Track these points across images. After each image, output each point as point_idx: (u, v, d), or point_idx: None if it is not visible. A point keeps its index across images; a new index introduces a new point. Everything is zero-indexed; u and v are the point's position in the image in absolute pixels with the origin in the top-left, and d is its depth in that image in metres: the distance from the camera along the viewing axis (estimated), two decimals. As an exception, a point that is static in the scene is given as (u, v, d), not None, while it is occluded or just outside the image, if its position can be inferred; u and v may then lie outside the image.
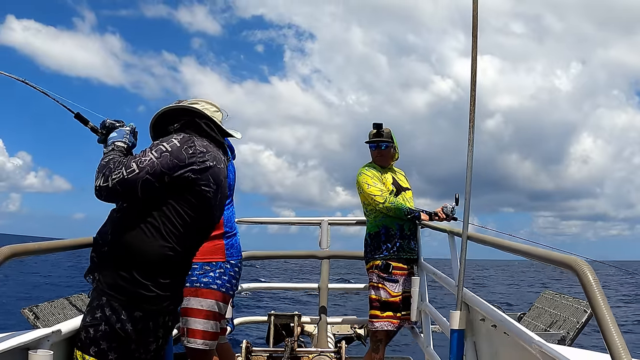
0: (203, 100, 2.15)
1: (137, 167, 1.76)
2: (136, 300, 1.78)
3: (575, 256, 1.48)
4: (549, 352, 1.65)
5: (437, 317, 3.29)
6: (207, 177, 1.88)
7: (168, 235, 1.82)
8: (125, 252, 1.79)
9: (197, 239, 1.99)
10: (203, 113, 2.06)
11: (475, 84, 2.45)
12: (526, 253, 1.93)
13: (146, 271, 1.79)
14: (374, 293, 3.60)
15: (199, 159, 1.86)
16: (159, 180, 1.78)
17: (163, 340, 1.95)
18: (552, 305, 3.27)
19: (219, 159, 1.97)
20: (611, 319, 1.21)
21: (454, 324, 2.56)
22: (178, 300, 1.99)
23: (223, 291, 2.49)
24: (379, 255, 3.60)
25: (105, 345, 1.76)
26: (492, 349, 2.41)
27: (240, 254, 2.63)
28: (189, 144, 1.86)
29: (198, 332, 2.46)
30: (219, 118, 2.15)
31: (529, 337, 1.85)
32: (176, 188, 1.83)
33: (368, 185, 3.61)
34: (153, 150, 1.81)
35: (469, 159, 2.47)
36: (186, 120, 2.04)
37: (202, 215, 1.91)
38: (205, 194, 1.89)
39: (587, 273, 1.34)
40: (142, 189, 1.77)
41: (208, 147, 1.94)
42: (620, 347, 1.15)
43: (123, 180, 1.75)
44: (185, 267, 1.99)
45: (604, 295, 1.27)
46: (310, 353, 3.81)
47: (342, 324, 4.51)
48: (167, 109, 2.09)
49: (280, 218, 6.37)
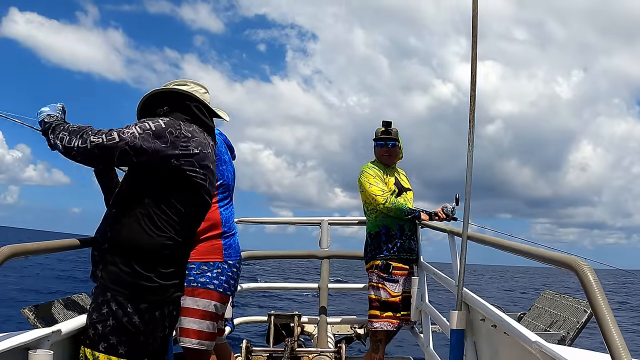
0: (191, 82, 2.12)
1: (117, 136, 1.77)
2: (140, 292, 1.79)
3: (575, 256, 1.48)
4: (549, 352, 1.65)
5: (437, 317, 3.28)
6: (193, 162, 1.87)
7: (164, 225, 1.83)
8: (125, 247, 1.80)
9: (193, 226, 2.00)
10: (192, 95, 2.03)
11: (475, 83, 2.45)
12: (526, 253, 1.93)
13: (147, 263, 1.80)
14: (373, 293, 3.60)
15: (182, 144, 1.84)
16: (137, 155, 1.78)
17: (169, 330, 1.98)
18: (552, 305, 3.27)
19: (205, 145, 1.95)
20: (611, 319, 1.21)
21: (454, 324, 2.56)
22: (181, 288, 2.00)
23: (220, 291, 2.48)
24: (380, 255, 3.59)
25: (114, 340, 1.77)
26: (492, 349, 2.41)
27: (239, 255, 2.62)
28: (174, 127, 1.85)
29: (193, 332, 2.46)
30: (208, 99, 2.12)
31: (529, 337, 1.85)
32: (165, 177, 1.83)
33: (370, 184, 3.60)
34: (138, 125, 1.81)
35: (469, 159, 2.47)
36: (175, 103, 2.01)
37: (194, 202, 1.92)
38: (193, 180, 1.88)
39: (587, 273, 1.34)
40: (118, 159, 1.79)
41: (194, 133, 1.91)
42: (620, 347, 1.15)
43: (102, 146, 1.75)
44: (185, 255, 2.00)
45: (604, 295, 1.27)
46: (310, 353, 3.82)
47: (342, 324, 4.51)
48: (155, 91, 2.05)
49: (280, 218, 6.37)
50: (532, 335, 1.85)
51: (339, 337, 4.47)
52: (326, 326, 4.14)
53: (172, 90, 2.04)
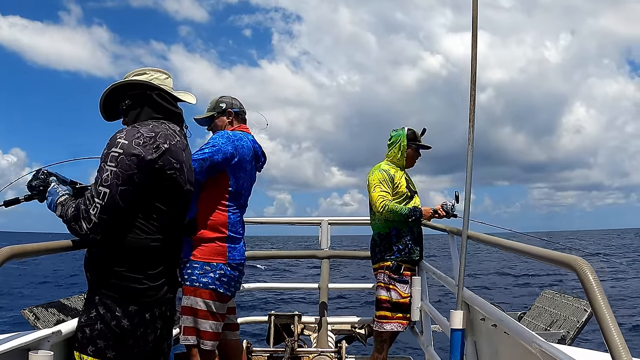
0: (150, 69, 2.06)
1: (105, 187, 1.74)
2: (129, 294, 1.79)
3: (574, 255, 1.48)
4: (549, 352, 1.65)
5: (437, 316, 3.29)
6: (168, 159, 1.86)
7: (146, 227, 1.82)
8: (111, 250, 1.79)
9: (177, 221, 1.99)
10: (151, 84, 1.99)
11: (475, 83, 2.45)
12: (526, 252, 1.93)
13: (134, 265, 1.80)
14: (384, 294, 3.57)
15: (153, 146, 1.82)
16: (131, 184, 1.76)
17: (163, 331, 1.95)
18: (552, 304, 3.27)
19: (170, 135, 1.92)
20: (611, 318, 1.21)
21: (454, 323, 2.56)
22: (173, 288, 1.99)
23: (221, 292, 2.49)
24: (391, 257, 3.57)
25: (102, 343, 1.76)
26: (493, 349, 2.41)
27: (243, 258, 2.63)
28: (135, 136, 1.81)
29: (195, 331, 2.49)
30: (170, 85, 2.07)
31: (529, 336, 1.85)
32: (146, 181, 1.81)
33: (374, 188, 3.56)
34: (108, 161, 1.77)
35: (469, 158, 2.47)
36: (135, 94, 1.98)
37: (174, 197, 1.92)
38: (171, 177, 1.87)
39: (587, 272, 1.34)
40: (123, 201, 1.76)
41: (155, 129, 1.88)
42: (621, 347, 1.15)
43: (103, 208, 1.73)
44: (173, 253, 1.99)
45: (604, 294, 1.27)
46: (310, 353, 3.82)
47: (342, 324, 4.51)
48: (113, 86, 2.01)
49: (280, 218, 6.36)
50: (532, 335, 1.85)
51: (339, 337, 4.47)
52: (326, 326, 4.14)
53: (130, 82, 2.00)
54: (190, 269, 2.46)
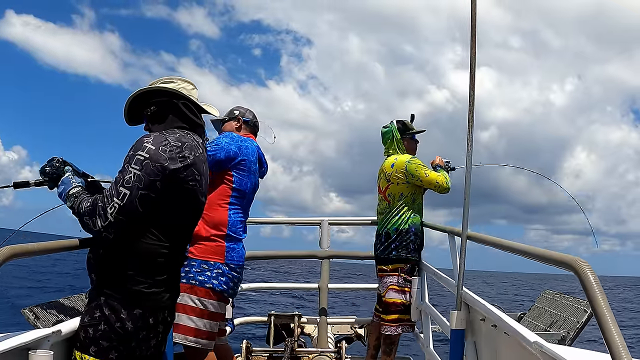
0: (178, 78, 2.05)
1: (126, 189, 1.72)
2: (135, 298, 1.78)
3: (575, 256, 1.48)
4: (549, 352, 1.65)
5: (437, 317, 3.28)
6: (192, 171, 1.86)
7: (160, 233, 1.81)
8: (123, 253, 1.78)
9: (187, 231, 1.98)
10: (179, 93, 1.98)
11: (474, 82, 2.45)
12: (526, 252, 1.93)
13: (142, 269, 1.79)
14: (399, 297, 3.50)
15: (179, 155, 1.81)
16: (151, 189, 1.75)
17: (163, 336, 1.95)
18: (552, 305, 3.27)
19: (195, 147, 1.91)
20: (611, 319, 1.20)
21: (454, 324, 2.56)
22: (176, 294, 1.99)
23: (218, 291, 2.48)
24: (408, 256, 3.53)
25: (105, 344, 1.75)
26: (492, 349, 2.41)
27: (242, 259, 2.62)
28: (163, 143, 1.80)
29: (190, 329, 2.46)
30: (196, 95, 2.06)
31: (529, 337, 1.85)
32: (164, 189, 1.79)
33: (424, 173, 3.51)
34: (132, 163, 1.75)
35: (468, 159, 2.48)
36: (162, 101, 1.96)
37: (190, 208, 1.92)
38: (192, 188, 1.87)
39: (587, 272, 1.34)
40: (142, 206, 1.74)
41: (182, 139, 1.87)
42: (621, 347, 1.15)
43: (121, 209, 1.71)
44: (180, 261, 1.99)
45: (605, 295, 1.27)
46: (310, 353, 3.82)
47: (342, 324, 4.51)
48: (141, 91, 1.99)
49: (280, 218, 6.35)
50: (532, 335, 1.85)
51: (339, 337, 4.47)
52: (326, 326, 4.14)
53: (158, 89, 1.99)
54: (188, 266, 2.45)
